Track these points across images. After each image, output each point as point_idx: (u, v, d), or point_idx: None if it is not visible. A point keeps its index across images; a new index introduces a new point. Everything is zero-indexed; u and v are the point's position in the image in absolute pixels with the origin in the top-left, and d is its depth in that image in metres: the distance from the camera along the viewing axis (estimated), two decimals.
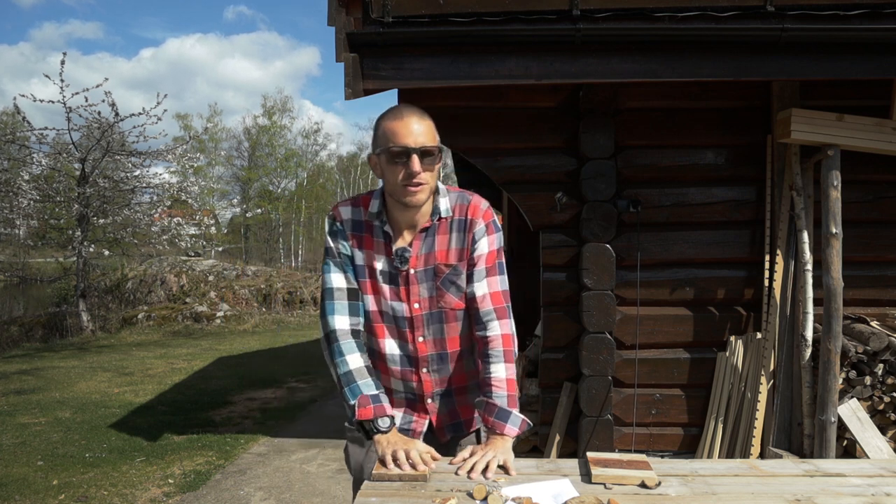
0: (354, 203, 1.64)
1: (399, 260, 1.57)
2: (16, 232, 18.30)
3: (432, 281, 1.59)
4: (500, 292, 1.61)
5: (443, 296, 1.59)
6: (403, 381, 1.65)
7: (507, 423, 1.51)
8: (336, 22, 3.03)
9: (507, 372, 1.56)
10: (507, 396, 1.54)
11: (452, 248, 1.60)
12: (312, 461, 4.38)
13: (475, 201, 1.62)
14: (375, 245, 1.60)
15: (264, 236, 34.40)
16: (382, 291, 1.60)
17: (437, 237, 1.59)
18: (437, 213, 1.58)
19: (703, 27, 2.97)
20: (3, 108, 28.55)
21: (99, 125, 11.31)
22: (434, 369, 1.63)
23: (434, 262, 1.59)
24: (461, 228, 1.60)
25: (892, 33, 2.85)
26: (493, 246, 1.61)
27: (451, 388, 1.66)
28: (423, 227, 1.58)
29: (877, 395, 3.18)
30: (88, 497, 3.70)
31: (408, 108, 1.55)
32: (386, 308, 1.61)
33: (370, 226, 1.61)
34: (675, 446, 3.67)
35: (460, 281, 1.60)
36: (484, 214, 1.60)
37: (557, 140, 3.59)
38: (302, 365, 8.22)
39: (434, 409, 1.66)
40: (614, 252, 3.48)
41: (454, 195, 1.63)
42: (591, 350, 3.48)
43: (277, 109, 35.15)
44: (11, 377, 7.53)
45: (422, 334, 1.61)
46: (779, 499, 1.26)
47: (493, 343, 1.57)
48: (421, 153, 1.49)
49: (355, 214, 1.62)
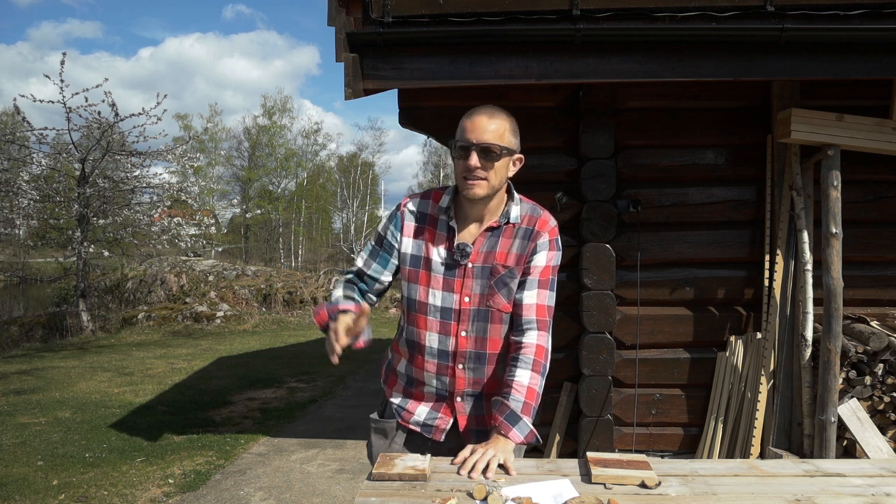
0: (425, 196, 1.71)
1: (460, 254, 1.61)
2: (16, 232, 18.30)
3: (487, 279, 1.62)
4: (547, 306, 1.64)
5: (493, 295, 1.62)
6: (437, 376, 1.66)
7: (514, 427, 1.51)
8: (336, 22, 3.03)
9: (531, 380, 1.56)
10: (524, 403, 1.53)
11: (513, 253, 1.63)
12: (312, 461, 4.37)
13: (545, 216, 1.67)
14: (437, 237, 1.65)
15: (264, 236, 34.42)
16: (434, 282, 1.63)
17: (502, 239, 1.63)
18: (506, 216, 1.63)
19: (703, 27, 2.97)
20: (3, 109, 28.58)
21: (99, 125, 11.31)
22: (470, 367, 1.64)
23: (493, 262, 1.62)
24: (526, 237, 1.63)
25: (892, 33, 2.85)
26: (552, 262, 1.65)
27: (482, 392, 1.67)
28: (490, 227, 1.63)
29: (877, 395, 3.18)
30: (88, 497, 3.70)
31: (485, 107, 1.59)
32: (434, 300, 1.63)
33: (435, 219, 1.66)
34: (675, 446, 3.67)
35: (513, 284, 1.63)
36: (551, 230, 1.65)
37: (557, 140, 3.59)
38: (302, 365, 8.21)
39: (462, 409, 1.67)
40: (614, 252, 3.48)
41: (527, 206, 1.68)
42: (591, 350, 3.48)
43: (277, 109, 35.19)
44: (11, 377, 7.53)
45: (465, 329, 1.63)
46: (779, 499, 1.26)
47: (526, 350, 1.59)
48: (480, 149, 1.53)
49: (422, 206, 1.68)
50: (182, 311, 12.88)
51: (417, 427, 1.69)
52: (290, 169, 35.80)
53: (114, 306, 13.25)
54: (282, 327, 12.78)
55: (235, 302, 14.04)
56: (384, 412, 1.76)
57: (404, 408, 1.71)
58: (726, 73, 2.99)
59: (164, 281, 14.30)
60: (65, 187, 11.90)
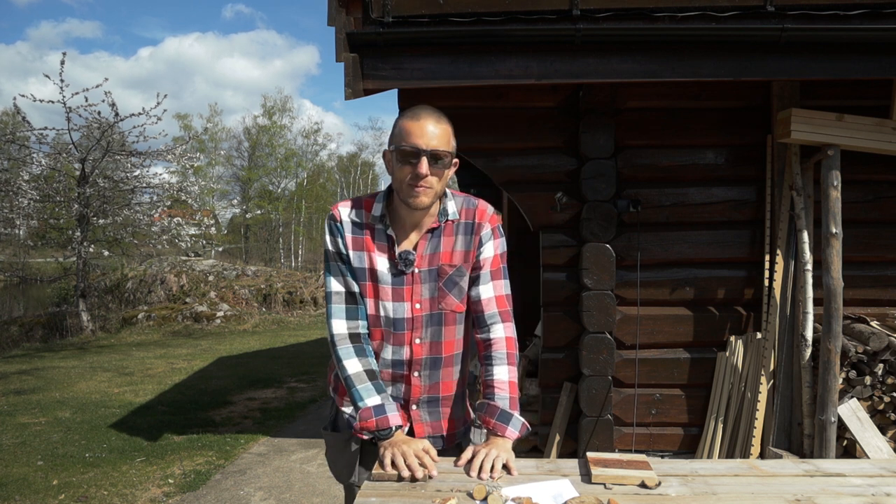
0: (355, 204, 1.62)
1: (403, 263, 1.57)
2: (16, 232, 18.28)
3: (435, 282, 1.59)
4: (504, 296, 1.62)
5: (444, 297, 1.59)
6: (393, 384, 1.64)
7: (508, 425, 1.51)
8: (336, 22, 3.04)
9: (509, 374, 1.56)
10: (509, 399, 1.54)
11: (458, 251, 1.60)
12: (312, 461, 4.38)
13: (482, 206, 1.64)
14: (377, 247, 1.59)
15: (264, 236, 34.39)
16: (383, 293, 1.58)
17: (443, 238, 1.60)
18: (444, 215, 1.59)
19: (702, 27, 2.97)
20: (4, 109, 28.57)
21: (99, 125, 11.31)
22: (425, 374, 1.62)
23: (438, 263, 1.59)
24: (467, 231, 1.61)
25: (892, 33, 2.85)
26: (498, 250, 1.63)
27: (438, 396, 1.65)
28: (430, 228, 1.59)
29: (877, 395, 3.18)
30: (88, 497, 3.70)
31: (427, 109, 1.55)
32: (384, 311, 1.59)
33: (372, 228, 1.60)
34: (675, 446, 3.67)
35: (463, 283, 1.61)
36: (490, 219, 1.62)
37: (557, 140, 3.59)
38: (302, 365, 8.21)
39: (418, 416, 1.64)
40: (614, 252, 3.48)
41: (460, 199, 1.64)
42: (591, 350, 3.48)
43: (278, 109, 35.18)
44: (11, 377, 7.54)
45: (419, 336, 1.60)
46: (779, 499, 1.26)
47: (497, 345, 1.58)
48: (431, 156, 1.49)
49: (356, 216, 1.61)
50: (182, 311, 12.88)
51: (371, 437, 1.64)
52: (290, 169, 35.80)
53: (114, 306, 13.25)
54: (282, 327, 12.78)
55: (235, 302, 14.04)
56: (336, 423, 1.70)
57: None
58: (726, 73, 2.99)
59: (164, 281, 14.30)
60: (65, 187, 11.90)
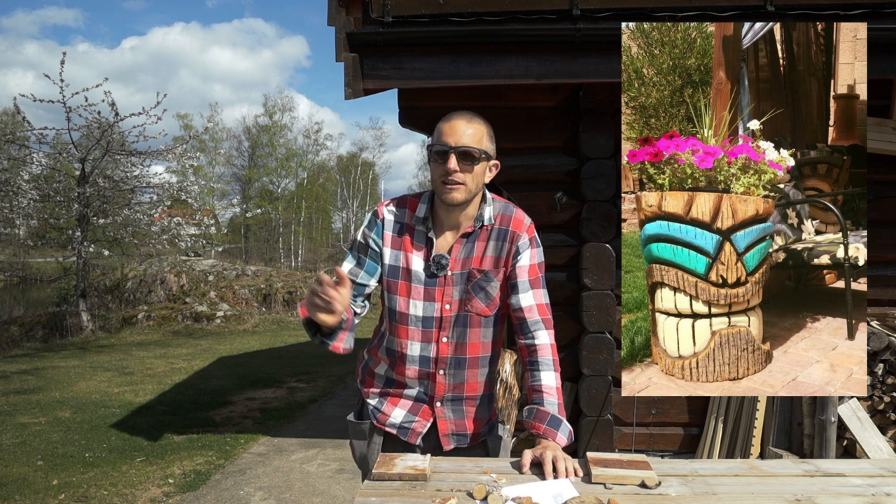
0: (400, 204, 1.68)
1: (436, 266, 1.61)
2: (16, 232, 18.27)
3: (465, 284, 1.62)
4: (545, 304, 1.65)
5: (471, 300, 1.62)
6: (419, 381, 1.67)
7: (558, 431, 1.52)
8: (336, 22, 3.03)
9: (556, 381, 1.59)
10: (558, 405, 1.56)
11: (488, 256, 1.63)
12: (312, 461, 4.37)
13: (518, 215, 1.66)
14: (415, 248, 1.63)
15: (264, 236, 34.40)
16: (415, 293, 1.63)
17: (477, 243, 1.63)
18: (480, 220, 1.62)
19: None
20: (3, 109, 28.57)
21: (99, 125, 11.31)
22: (450, 372, 1.66)
23: (469, 267, 1.62)
24: (500, 238, 1.63)
25: (892, 33, 2.85)
26: (535, 259, 1.65)
27: (462, 396, 1.68)
28: (466, 232, 1.62)
29: (877, 395, 3.18)
30: (88, 497, 3.70)
31: (461, 111, 1.59)
32: (415, 311, 1.63)
33: (412, 229, 1.64)
34: (675, 446, 3.67)
35: (490, 288, 1.63)
36: (528, 229, 1.65)
37: (557, 140, 3.59)
38: (302, 365, 8.22)
39: (443, 413, 1.68)
40: (614, 252, 3.48)
41: (499, 204, 1.67)
42: (591, 350, 3.48)
43: (279, 109, 35.19)
44: (11, 377, 7.53)
45: (446, 335, 1.64)
46: (779, 499, 1.26)
47: (543, 351, 1.60)
48: (459, 153, 1.53)
49: (399, 216, 1.66)
50: (182, 310, 12.88)
51: (393, 429, 1.69)
52: (291, 169, 35.81)
53: (114, 306, 13.26)
54: (282, 327, 12.78)
55: (235, 302, 14.05)
56: (361, 413, 1.77)
57: (380, 409, 1.71)
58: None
59: (164, 281, 14.30)
60: (65, 187, 11.90)
